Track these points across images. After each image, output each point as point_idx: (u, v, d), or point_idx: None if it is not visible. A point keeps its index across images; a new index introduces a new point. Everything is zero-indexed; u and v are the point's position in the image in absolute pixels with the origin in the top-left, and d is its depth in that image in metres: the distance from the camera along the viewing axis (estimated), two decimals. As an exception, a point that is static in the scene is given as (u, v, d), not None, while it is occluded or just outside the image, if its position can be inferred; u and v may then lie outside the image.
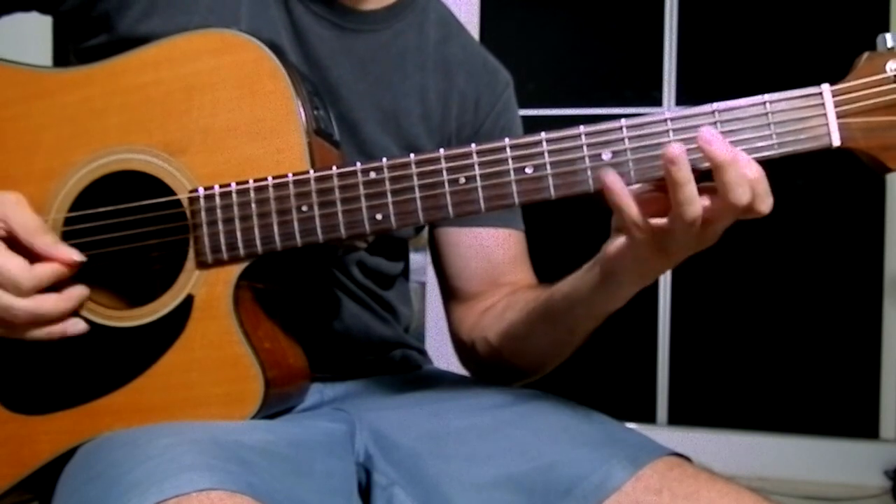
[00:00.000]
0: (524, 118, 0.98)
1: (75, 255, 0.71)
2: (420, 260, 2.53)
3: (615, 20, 2.87)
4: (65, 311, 0.72)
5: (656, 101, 2.75)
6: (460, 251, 0.93)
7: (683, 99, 2.73)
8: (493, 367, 0.91)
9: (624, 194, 0.64)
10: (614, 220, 0.69)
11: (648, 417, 2.76)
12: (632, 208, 0.64)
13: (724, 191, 0.62)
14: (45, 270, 0.70)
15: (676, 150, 0.62)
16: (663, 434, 2.57)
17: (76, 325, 0.73)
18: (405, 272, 1.00)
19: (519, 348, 0.86)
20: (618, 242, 0.68)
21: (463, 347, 0.94)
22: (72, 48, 0.85)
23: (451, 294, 0.96)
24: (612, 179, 0.64)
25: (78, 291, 0.73)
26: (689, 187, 0.62)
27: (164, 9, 0.80)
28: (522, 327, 0.84)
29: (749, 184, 0.62)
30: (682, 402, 2.77)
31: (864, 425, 2.62)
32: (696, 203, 0.62)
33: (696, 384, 2.77)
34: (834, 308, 2.67)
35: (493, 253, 0.92)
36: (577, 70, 2.91)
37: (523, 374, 0.89)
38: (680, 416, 2.76)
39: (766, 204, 0.63)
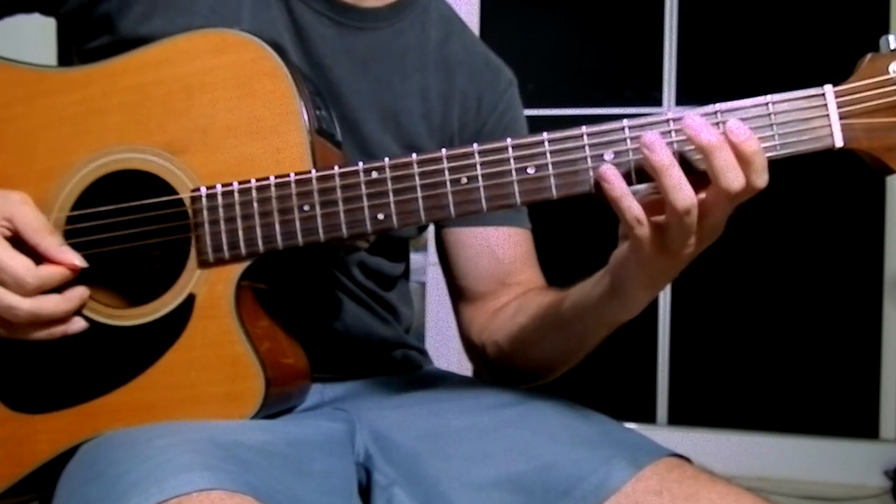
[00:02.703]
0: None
1: (78, 261, 0.71)
2: (420, 260, 2.53)
3: (615, 20, 2.86)
4: (66, 312, 0.71)
5: (656, 101, 2.75)
6: (468, 251, 0.92)
7: (683, 99, 2.73)
8: (503, 369, 0.91)
9: (621, 186, 0.64)
10: (621, 226, 0.68)
11: (648, 417, 2.76)
12: (629, 199, 0.64)
13: (714, 176, 0.62)
14: (49, 272, 0.70)
15: (649, 135, 0.63)
16: (663, 434, 2.57)
17: (77, 324, 0.73)
18: (406, 273, 0.99)
19: (530, 354, 0.86)
20: (622, 247, 0.68)
21: (473, 349, 0.94)
22: (75, 49, 0.85)
23: (459, 294, 0.95)
24: (610, 173, 0.64)
25: (79, 292, 0.72)
26: (673, 171, 0.62)
27: (166, 10, 0.80)
28: (533, 334, 0.84)
29: (747, 163, 0.61)
30: (682, 402, 2.77)
31: (864, 425, 2.62)
32: (684, 189, 0.62)
33: (696, 384, 2.77)
34: (834, 308, 2.67)
35: (500, 251, 0.92)
36: (577, 70, 2.91)
37: (534, 378, 0.89)
38: (680, 416, 2.76)
39: (761, 179, 0.62)
